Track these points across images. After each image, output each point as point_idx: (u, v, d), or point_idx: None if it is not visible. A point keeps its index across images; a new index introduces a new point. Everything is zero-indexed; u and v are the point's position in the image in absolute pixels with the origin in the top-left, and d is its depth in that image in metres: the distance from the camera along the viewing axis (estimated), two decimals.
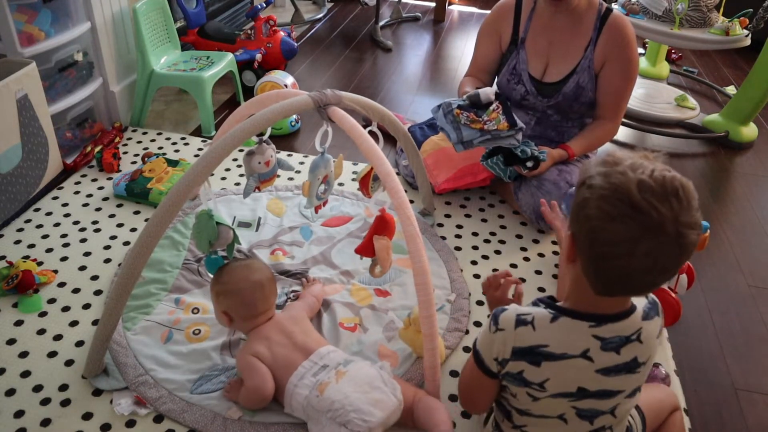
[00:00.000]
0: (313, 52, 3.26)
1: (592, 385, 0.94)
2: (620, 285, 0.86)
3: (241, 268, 1.33)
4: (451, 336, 1.48)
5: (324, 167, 1.38)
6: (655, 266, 0.82)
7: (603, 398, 0.95)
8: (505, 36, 1.92)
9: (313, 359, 1.24)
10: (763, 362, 1.52)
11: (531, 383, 0.95)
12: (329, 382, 1.17)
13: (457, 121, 1.70)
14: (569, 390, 0.95)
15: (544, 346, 0.93)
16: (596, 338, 0.92)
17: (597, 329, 0.91)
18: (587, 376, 0.93)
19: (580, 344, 0.92)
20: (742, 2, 2.70)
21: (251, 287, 1.30)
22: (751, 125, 2.58)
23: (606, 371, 0.93)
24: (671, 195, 0.79)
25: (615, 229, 0.80)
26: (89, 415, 1.25)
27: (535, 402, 0.97)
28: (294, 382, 1.21)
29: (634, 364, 0.94)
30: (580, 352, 0.92)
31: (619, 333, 0.92)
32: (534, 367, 0.94)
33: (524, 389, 0.96)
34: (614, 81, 1.81)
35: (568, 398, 0.95)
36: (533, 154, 1.74)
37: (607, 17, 1.80)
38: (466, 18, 3.97)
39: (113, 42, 2.23)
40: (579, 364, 0.92)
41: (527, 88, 1.88)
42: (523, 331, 0.94)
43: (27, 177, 1.84)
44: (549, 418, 0.99)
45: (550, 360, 0.93)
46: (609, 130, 1.89)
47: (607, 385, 0.94)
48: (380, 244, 1.36)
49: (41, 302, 1.52)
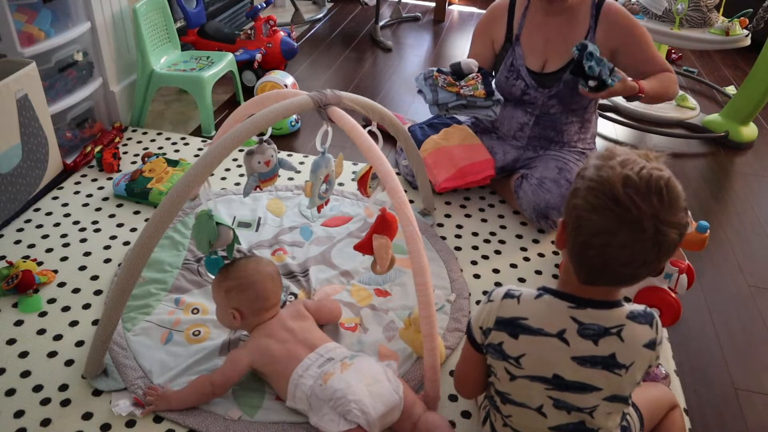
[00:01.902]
0: (313, 52, 3.26)
1: (568, 374, 0.95)
2: (599, 274, 0.89)
3: (250, 262, 1.36)
4: (451, 336, 1.48)
5: (325, 167, 1.38)
6: (633, 260, 0.84)
7: (580, 392, 0.95)
8: (499, 37, 1.92)
9: (319, 352, 1.25)
10: (763, 362, 1.52)
11: (509, 356, 0.98)
12: (334, 373, 1.18)
13: (435, 83, 1.75)
14: (545, 374, 0.96)
15: (523, 318, 0.96)
16: (574, 320, 0.93)
17: (576, 311, 0.94)
18: (563, 361, 0.94)
19: (558, 323, 0.94)
20: (742, 2, 2.71)
21: (264, 279, 1.33)
22: (751, 125, 2.58)
23: (582, 360, 0.93)
24: (654, 193, 0.82)
25: (596, 220, 0.84)
26: (89, 415, 1.25)
27: (513, 382, 0.99)
28: (299, 372, 1.22)
29: (613, 362, 0.93)
30: (557, 331, 0.94)
31: (599, 321, 0.93)
32: (513, 340, 0.97)
33: (503, 363, 0.99)
34: (640, 55, 1.81)
35: (544, 385, 0.96)
36: (601, 75, 1.65)
37: (601, 5, 1.81)
38: (466, 18, 3.97)
39: (113, 42, 2.23)
40: (554, 344, 0.94)
41: (527, 82, 1.88)
42: (508, 302, 0.98)
43: (27, 177, 1.84)
44: (529, 410, 0.99)
45: (527, 333, 0.95)
46: (670, 77, 1.83)
47: (583, 377, 0.94)
48: (379, 243, 1.36)
49: (41, 302, 1.52)
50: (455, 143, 1.96)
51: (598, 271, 0.88)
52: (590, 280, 0.91)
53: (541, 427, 1.00)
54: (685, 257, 1.59)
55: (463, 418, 1.30)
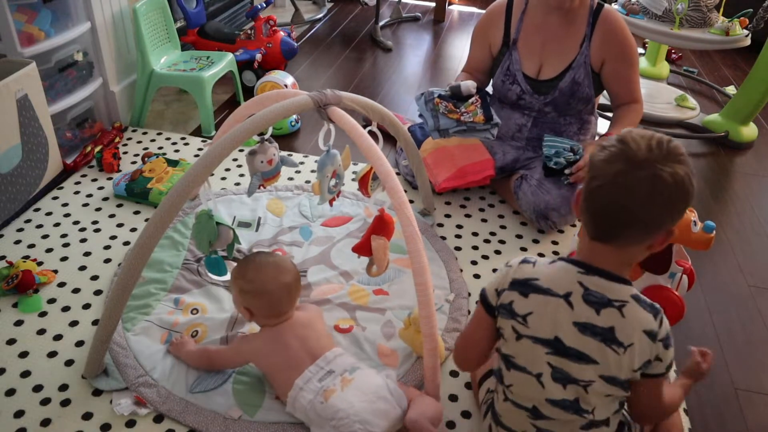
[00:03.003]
0: (313, 52, 3.26)
1: (568, 338, 0.98)
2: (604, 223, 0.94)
3: (270, 267, 1.30)
4: (450, 336, 1.48)
5: (331, 164, 1.38)
6: (628, 196, 0.90)
7: (577, 361, 0.97)
8: (496, 40, 1.92)
9: (319, 364, 1.23)
10: (763, 362, 1.52)
11: (517, 315, 1.02)
12: (335, 390, 1.17)
13: (436, 109, 1.79)
14: (548, 336, 0.99)
15: (535, 279, 1.02)
16: (581, 285, 0.98)
17: (584, 276, 0.98)
18: (565, 324, 0.98)
19: (566, 285, 0.99)
20: (742, 2, 2.71)
21: (279, 290, 1.27)
22: (751, 125, 2.58)
23: (583, 327, 0.97)
24: (655, 141, 0.91)
25: (601, 156, 0.93)
26: (89, 415, 1.25)
27: (518, 342, 1.02)
28: (300, 384, 1.20)
29: (611, 337, 0.96)
30: (564, 293, 0.99)
31: (603, 291, 0.97)
32: (523, 298, 1.02)
33: (511, 322, 1.03)
34: (622, 72, 1.84)
35: (546, 348, 0.99)
36: (569, 160, 1.78)
37: (599, 13, 1.81)
38: (466, 18, 3.97)
39: (113, 42, 2.23)
40: (560, 306, 0.98)
41: (522, 87, 1.88)
42: (524, 267, 1.04)
43: (27, 177, 1.84)
44: (530, 376, 1.02)
45: (537, 292, 1.01)
46: (638, 110, 1.88)
47: (582, 345, 0.97)
48: (377, 244, 1.36)
49: (41, 302, 1.52)
50: (455, 143, 1.96)
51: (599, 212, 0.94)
52: (598, 233, 0.96)
53: (539, 398, 1.02)
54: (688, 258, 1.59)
55: (464, 418, 1.30)
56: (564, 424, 1.02)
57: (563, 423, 1.02)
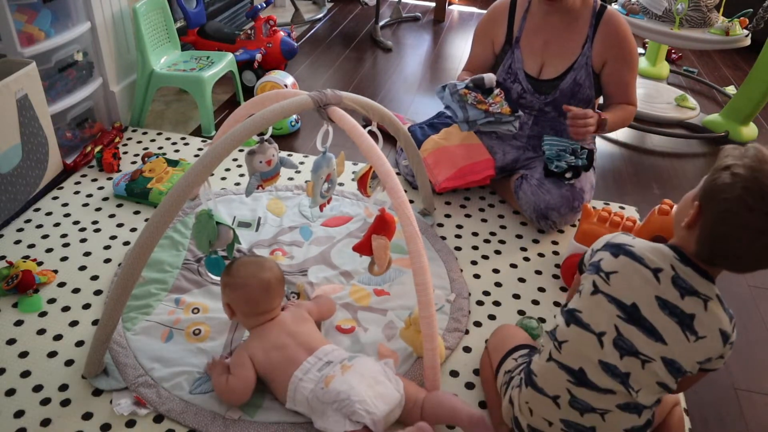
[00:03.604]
0: (313, 52, 3.26)
1: (645, 309, 0.99)
2: (726, 261, 0.96)
3: (252, 264, 1.33)
4: (451, 336, 1.48)
5: (326, 166, 1.38)
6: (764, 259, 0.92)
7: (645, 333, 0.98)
8: (499, 38, 1.92)
9: (317, 355, 1.25)
10: (763, 362, 1.52)
11: (602, 270, 1.03)
12: (335, 375, 1.18)
13: (464, 100, 1.77)
14: (625, 300, 1.00)
15: (630, 245, 1.04)
16: (672, 268, 0.99)
17: (678, 263, 0.99)
18: (647, 295, 0.99)
19: (658, 262, 1.00)
20: (742, 2, 2.71)
21: (257, 285, 1.30)
22: (751, 125, 2.58)
23: (663, 303, 0.98)
24: None
25: (748, 218, 0.90)
26: (89, 415, 1.25)
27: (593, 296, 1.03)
28: (299, 376, 1.21)
29: (689, 323, 0.97)
30: (654, 267, 1.00)
31: (692, 281, 0.98)
32: (612, 258, 1.03)
33: (593, 276, 1.04)
34: (621, 75, 1.84)
35: (619, 310, 1.00)
36: (570, 164, 1.78)
37: (602, 14, 1.81)
38: (466, 18, 3.97)
39: (113, 42, 2.23)
40: (647, 277, 1.00)
41: (524, 86, 1.88)
42: (622, 236, 1.07)
43: (27, 177, 1.84)
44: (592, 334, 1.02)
45: (628, 256, 1.02)
46: (632, 111, 1.89)
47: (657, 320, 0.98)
48: (378, 244, 1.36)
49: (41, 302, 1.52)
50: (455, 143, 1.96)
51: (727, 258, 0.95)
52: (713, 261, 0.97)
53: (593, 358, 1.02)
54: None
55: None
56: (601, 397, 1.02)
57: (601, 394, 1.02)
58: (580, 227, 1.62)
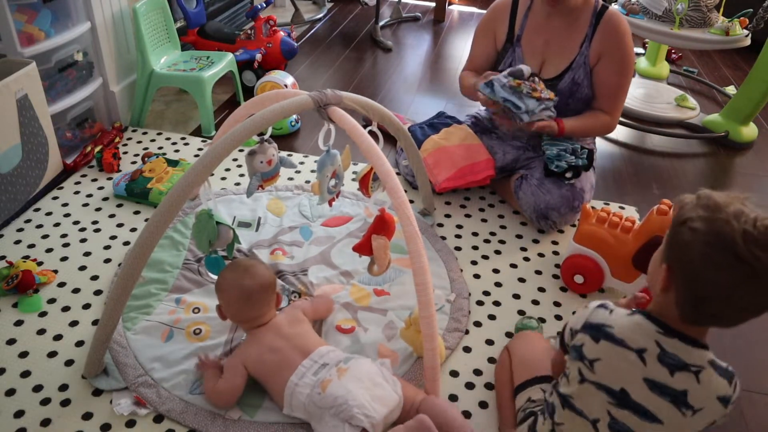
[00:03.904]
0: (313, 52, 3.26)
1: (635, 393, 0.94)
2: (711, 319, 0.91)
3: (238, 270, 1.32)
4: (451, 336, 1.48)
5: (331, 164, 1.38)
6: (749, 308, 0.87)
7: (640, 417, 0.95)
8: (501, 35, 1.92)
9: (313, 358, 1.24)
10: (763, 362, 1.52)
11: (585, 358, 0.99)
12: (331, 380, 1.17)
13: (518, 91, 1.72)
14: (613, 386, 0.96)
15: (609, 326, 0.97)
16: (657, 345, 0.94)
17: (662, 337, 0.94)
18: (634, 378, 0.94)
19: (641, 341, 0.95)
20: (742, 2, 2.70)
21: (236, 293, 1.29)
22: (751, 125, 2.58)
23: (653, 385, 0.93)
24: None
25: (717, 277, 0.85)
26: (89, 415, 1.25)
27: (581, 385, 0.99)
28: (295, 381, 1.21)
29: (683, 399, 0.93)
30: (637, 347, 0.95)
31: (681, 354, 0.93)
32: (593, 342, 0.98)
33: (578, 364, 1.00)
34: (610, 76, 1.82)
35: (608, 397, 0.97)
36: (571, 164, 1.78)
37: (602, 14, 1.80)
38: (466, 18, 3.97)
39: (113, 42, 2.23)
40: (631, 360, 0.94)
41: None
42: (600, 311, 1.01)
43: (27, 177, 1.84)
44: (585, 420, 0.99)
45: (609, 340, 0.96)
46: (605, 123, 1.87)
47: (649, 402, 0.94)
48: (378, 244, 1.36)
49: (41, 302, 1.52)
50: (455, 143, 1.96)
51: (711, 317, 0.91)
52: (696, 321, 0.92)
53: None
54: None
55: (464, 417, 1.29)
56: None
57: None
58: (580, 228, 1.62)
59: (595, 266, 1.60)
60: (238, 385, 1.25)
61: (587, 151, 1.83)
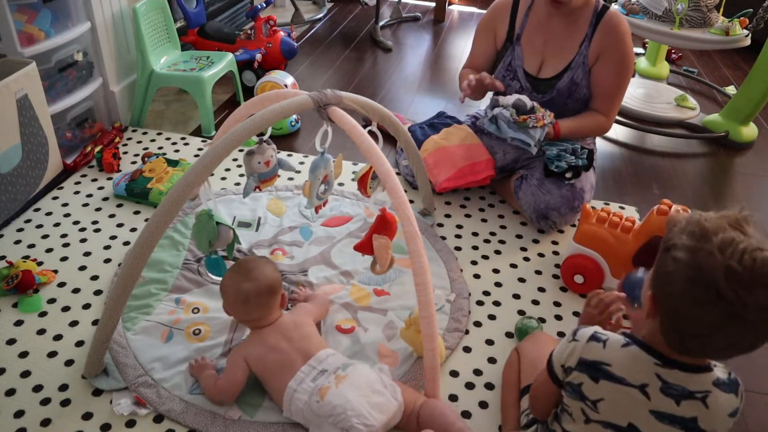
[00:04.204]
0: (313, 52, 3.26)
1: (644, 426, 0.92)
2: (697, 351, 0.88)
3: (240, 272, 1.30)
4: (451, 336, 1.48)
5: (324, 167, 1.39)
6: (734, 346, 0.84)
7: None
8: (501, 33, 1.92)
9: (311, 364, 1.23)
10: (763, 362, 1.52)
11: (587, 398, 0.95)
12: (329, 387, 1.17)
13: (524, 125, 1.76)
14: (620, 423, 0.93)
15: (606, 364, 0.93)
16: (658, 377, 0.91)
17: (661, 369, 0.91)
18: (641, 413, 0.92)
19: (641, 376, 0.91)
20: (742, 2, 2.70)
21: (234, 295, 1.28)
22: (751, 125, 2.58)
23: (660, 416, 0.91)
24: (759, 285, 0.78)
25: (698, 313, 0.81)
26: (89, 415, 1.25)
27: (587, 425, 0.97)
28: (293, 386, 1.20)
29: (693, 426, 0.90)
30: (639, 383, 0.91)
31: (683, 383, 0.90)
32: (593, 383, 0.94)
33: (580, 404, 0.97)
34: (608, 77, 1.82)
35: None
36: (571, 164, 1.78)
37: (603, 14, 1.81)
38: (466, 18, 3.97)
39: (113, 42, 2.23)
40: (635, 396, 0.92)
41: (522, 84, 1.88)
42: (593, 345, 0.95)
43: (27, 177, 1.84)
44: None
45: (609, 380, 0.93)
46: (601, 124, 1.88)
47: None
48: (379, 243, 1.36)
49: (41, 302, 1.52)
50: (455, 143, 1.96)
51: (696, 349, 0.87)
52: (683, 352, 0.89)
53: None
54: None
55: (464, 418, 1.29)
56: None
57: None
58: (580, 228, 1.62)
59: (595, 266, 1.60)
60: (240, 380, 1.25)
61: (587, 152, 1.83)
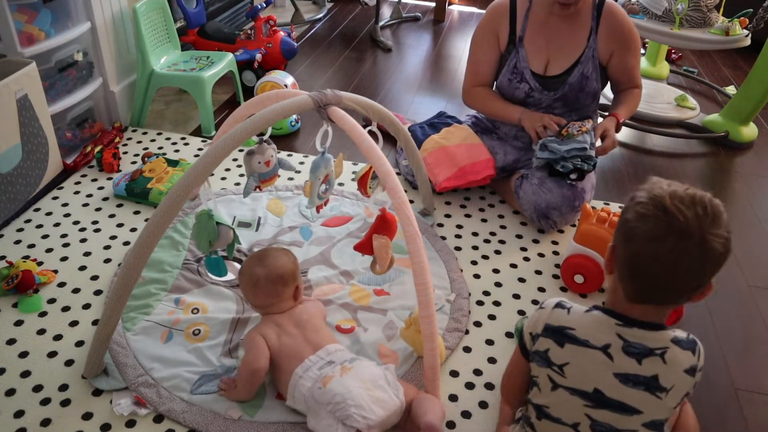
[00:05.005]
0: (313, 52, 3.26)
1: (609, 390, 0.96)
2: (647, 288, 0.94)
3: (257, 256, 1.38)
4: (451, 336, 1.48)
5: (325, 167, 1.38)
6: (680, 269, 0.89)
7: (619, 412, 0.96)
8: (503, 36, 1.91)
9: (320, 354, 1.25)
10: (763, 362, 1.52)
11: (553, 364, 1.01)
12: (333, 376, 1.18)
13: (570, 136, 1.78)
14: (586, 388, 0.98)
15: (570, 329, 1.00)
16: (620, 337, 0.97)
17: (622, 329, 0.97)
18: (605, 376, 0.97)
19: (604, 337, 0.98)
20: (742, 2, 2.70)
21: (246, 278, 1.36)
22: (751, 125, 2.58)
23: (624, 378, 0.96)
24: (698, 205, 0.89)
25: (645, 228, 0.91)
26: (89, 415, 1.25)
27: (554, 392, 1.00)
28: (299, 373, 1.22)
29: (655, 384, 0.95)
30: (602, 345, 0.97)
31: (644, 341, 0.96)
32: (558, 348, 1.00)
33: (546, 370, 1.02)
34: (627, 63, 1.89)
35: (584, 400, 0.98)
36: (577, 166, 1.78)
37: (602, 6, 1.83)
38: (466, 18, 3.97)
39: (113, 42, 2.23)
40: (598, 358, 0.97)
41: (531, 85, 1.88)
42: (558, 312, 1.03)
43: (27, 177, 1.84)
44: (565, 426, 1.00)
45: (573, 343, 0.99)
46: (638, 95, 1.95)
47: (624, 396, 0.96)
48: (379, 243, 1.36)
49: (41, 302, 1.52)
50: (456, 143, 1.96)
51: (647, 284, 0.93)
52: (638, 296, 0.95)
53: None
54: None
55: (464, 418, 1.30)
56: None
57: None
58: (580, 227, 1.62)
59: (595, 266, 1.60)
60: (263, 350, 1.25)
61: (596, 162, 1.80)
